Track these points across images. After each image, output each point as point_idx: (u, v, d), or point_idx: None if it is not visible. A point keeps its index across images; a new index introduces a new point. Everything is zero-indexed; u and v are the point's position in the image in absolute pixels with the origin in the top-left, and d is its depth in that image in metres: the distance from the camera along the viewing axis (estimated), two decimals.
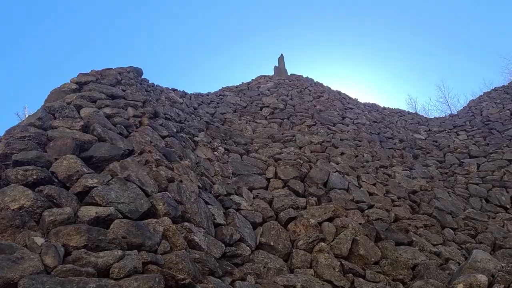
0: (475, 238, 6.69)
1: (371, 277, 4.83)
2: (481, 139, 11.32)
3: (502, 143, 10.81)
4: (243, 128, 8.19)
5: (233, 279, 3.97)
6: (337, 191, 6.57)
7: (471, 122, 12.58)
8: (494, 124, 11.84)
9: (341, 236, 5.35)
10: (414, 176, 8.65)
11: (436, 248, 5.95)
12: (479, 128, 11.89)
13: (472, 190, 8.92)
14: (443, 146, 11.23)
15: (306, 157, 7.44)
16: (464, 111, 13.88)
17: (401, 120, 12.87)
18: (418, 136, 11.73)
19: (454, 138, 11.79)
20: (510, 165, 9.77)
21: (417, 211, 7.13)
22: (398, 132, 11.32)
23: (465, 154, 10.71)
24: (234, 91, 10.55)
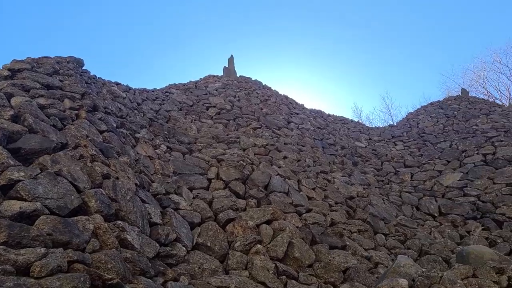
0: (404, 244, 7.02)
1: (304, 280, 4.94)
2: (416, 150, 11.95)
3: (434, 155, 11.47)
4: (187, 127, 8.10)
5: (165, 280, 3.91)
6: (277, 194, 6.66)
7: (408, 133, 13.25)
8: (428, 137, 12.54)
9: (278, 238, 5.43)
10: (352, 182, 8.96)
11: (368, 252, 6.19)
12: (415, 140, 12.54)
13: (405, 198, 9.38)
14: (381, 154, 11.73)
15: (249, 159, 7.48)
16: (403, 122, 14.59)
17: (344, 127, 13.29)
18: (359, 144, 12.17)
19: (392, 148, 12.35)
20: (440, 176, 10.38)
21: (353, 216, 7.39)
22: (341, 139, 11.68)
23: (400, 163, 11.26)
24: (181, 89, 10.41)
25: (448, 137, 12.20)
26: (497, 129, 11.80)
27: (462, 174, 10.19)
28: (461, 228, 8.25)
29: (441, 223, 8.55)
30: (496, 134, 11.37)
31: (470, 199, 9.19)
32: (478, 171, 10.09)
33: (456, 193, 9.54)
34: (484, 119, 12.69)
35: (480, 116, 13.03)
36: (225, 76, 12.19)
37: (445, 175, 10.37)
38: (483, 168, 10.15)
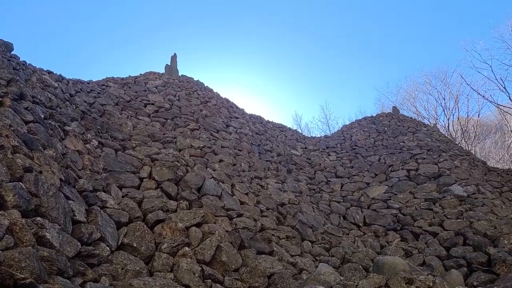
0: (329, 252, 7.29)
1: (229, 284, 4.97)
2: (347, 161, 12.48)
3: (364, 167, 12.05)
4: (123, 123, 7.86)
5: (84, 280, 3.76)
6: (210, 197, 6.66)
7: (341, 145, 13.81)
8: (360, 150, 13.15)
9: (206, 242, 5.43)
10: (285, 189, 9.16)
11: (294, 258, 6.36)
12: (347, 152, 13.10)
13: (334, 207, 9.76)
14: (315, 164, 12.11)
15: (184, 160, 7.42)
16: (337, 134, 15.18)
17: (281, 135, 13.57)
18: (294, 152, 12.48)
19: (326, 158, 12.80)
20: (367, 188, 10.93)
21: (283, 222, 7.55)
22: (277, 146, 11.91)
23: (332, 173, 11.70)
24: (119, 83, 10.08)
25: (378, 151, 12.88)
26: (421, 147, 12.65)
27: (387, 187, 10.79)
28: (382, 238, 8.73)
29: (364, 233, 8.98)
30: (420, 152, 12.17)
31: (392, 211, 9.75)
32: (401, 185, 10.74)
33: (381, 205, 10.09)
34: (411, 137, 13.54)
35: (407, 134, 13.89)
36: (167, 74, 11.98)
37: (372, 187, 10.92)
38: (406, 183, 10.81)
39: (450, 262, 7.40)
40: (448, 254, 7.76)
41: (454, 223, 8.74)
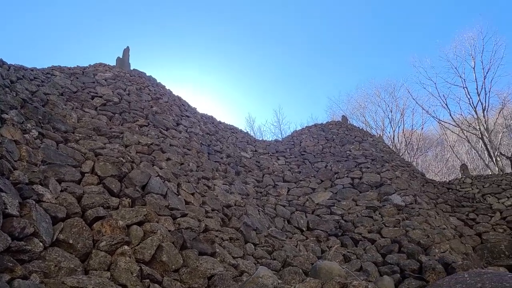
0: (271, 255, 7.38)
1: (168, 284, 4.90)
2: (295, 166, 12.70)
3: (311, 173, 12.31)
4: (67, 114, 7.54)
5: (12, 277, 3.57)
6: (154, 195, 6.54)
7: (290, 150, 14.03)
8: (308, 156, 13.43)
9: (147, 241, 5.32)
10: (232, 191, 9.17)
11: (236, 260, 6.37)
12: (296, 157, 13.33)
13: (279, 211, 9.89)
14: (264, 167, 12.22)
15: (130, 157, 7.24)
16: (288, 139, 15.41)
17: (233, 136, 13.57)
18: (244, 154, 12.53)
19: (274, 162, 12.95)
20: (313, 193, 11.17)
21: (227, 224, 7.56)
22: (228, 148, 11.91)
23: (280, 177, 11.86)
24: (66, 73, 9.66)
25: (325, 158, 13.21)
26: (366, 156, 13.11)
27: (332, 193, 11.09)
28: (324, 243, 8.95)
29: (307, 237, 9.17)
30: (364, 161, 12.62)
31: (335, 217, 10.03)
32: (345, 192, 11.07)
33: (324, 210, 10.35)
34: (357, 146, 14.00)
35: (354, 143, 14.35)
36: (118, 67, 11.64)
37: (317, 193, 11.18)
38: (350, 190, 11.17)
39: (385, 268, 7.72)
40: (384, 260, 8.09)
41: (391, 231, 9.14)
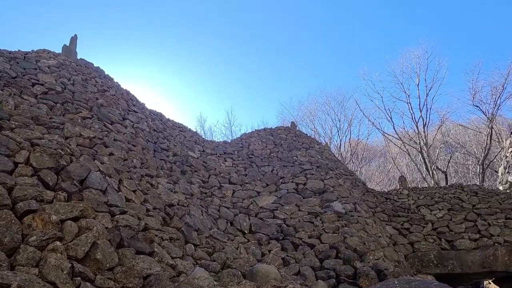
0: (211, 256, 7.34)
1: (100, 283, 4.74)
2: (242, 169, 12.74)
3: (257, 176, 12.40)
4: (3, 100, 7.10)
5: None
6: (93, 191, 6.30)
7: (239, 152, 14.06)
8: (256, 159, 13.52)
9: (81, 237, 5.12)
10: (176, 190, 9.04)
11: (174, 261, 6.27)
12: (243, 160, 13.38)
13: (223, 212, 9.87)
14: (210, 168, 12.16)
15: (70, 149, 6.93)
16: (236, 141, 15.44)
17: (181, 135, 13.40)
18: (191, 153, 12.40)
19: (222, 163, 12.93)
20: (257, 197, 11.26)
21: (168, 224, 7.43)
22: (175, 146, 11.73)
23: (226, 179, 11.85)
24: (5, 56, 9.09)
25: (272, 162, 13.36)
26: (311, 163, 13.41)
27: (276, 198, 11.23)
28: (265, 247, 9.04)
29: (249, 240, 9.22)
30: (310, 168, 12.89)
31: (277, 221, 10.15)
32: (289, 197, 11.25)
33: (268, 214, 10.45)
34: (304, 153, 14.28)
35: (301, 149, 14.63)
36: (63, 55, 11.13)
37: (262, 197, 11.28)
38: (294, 195, 11.36)
39: (322, 273, 7.92)
40: (321, 265, 8.30)
41: (330, 237, 9.39)
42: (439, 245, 11.69)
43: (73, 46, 11.50)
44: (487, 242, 11.59)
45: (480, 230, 11.99)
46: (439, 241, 11.82)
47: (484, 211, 12.64)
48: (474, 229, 12.07)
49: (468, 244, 11.58)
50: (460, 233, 11.96)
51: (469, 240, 11.68)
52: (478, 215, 12.55)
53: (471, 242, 11.65)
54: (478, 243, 11.63)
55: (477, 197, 13.41)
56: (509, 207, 12.80)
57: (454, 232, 12.03)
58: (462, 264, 11.20)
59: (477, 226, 12.12)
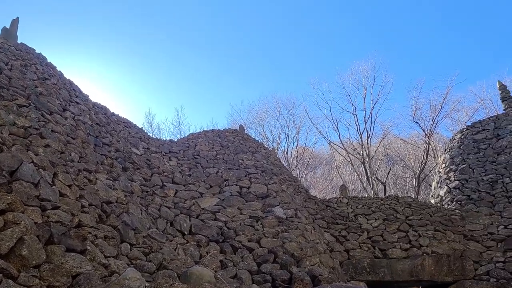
0: (147, 256, 7.18)
1: (24, 281, 4.49)
2: (187, 169, 12.59)
3: (202, 177, 12.31)
4: None
5: None
6: (24, 183, 5.97)
7: (184, 152, 13.88)
8: (201, 160, 13.41)
9: (7, 232, 4.82)
10: (115, 187, 8.76)
11: (107, 260, 6.07)
12: (189, 160, 13.23)
13: (163, 212, 9.69)
14: (154, 166, 11.91)
15: (2, 138, 6.53)
16: (183, 140, 15.24)
17: (125, 130, 13.03)
18: (135, 150, 12.09)
19: (166, 162, 12.70)
20: (200, 198, 11.17)
21: (104, 221, 7.18)
22: (118, 142, 11.38)
23: (169, 178, 11.65)
24: None
25: (217, 164, 13.31)
26: (257, 167, 13.51)
27: (219, 200, 11.20)
28: (204, 249, 8.98)
29: (188, 241, 9.12)
30: (255, 172, 12.97)
31: (218, 223, 10.13)
32: (232, 200, 11.26)
33: (209, 216, 10.39)
34: (250, 156, 14.36)
35: (247, 153, 14.70)
36: (2, 38, 10.47)
37: (205, 198, 11.21)
38: (237, 198, 11.38)
39: (259, 277, 7.98)
40: (259, 269, 8.37)
41: (269, 242, 9.50)
42: (373, 253, 12.17)
43: (13, 29, 10.84)
44: (416, 252, 12.22)
45: (411, 240, 12.62)
46: (373, 249, 12.30)
47: (415, 223, 13.32)
48: (406, 239, 12.69)
49: (399, 253, 12.16)
50: (392, 242, 12.53)
51: (400, 250, 12.26)
52: (410, 226, 13.20)
53: (402, 251, 12.24)
54: (408, 252, 12.23)
55: (410, 209, 14.10)
56: (438, 220, 13.58)
57: (387, 241, 12.58)
58: (393, 272, 11.73)
59: (409, 236, 12.75)
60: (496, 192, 14.67)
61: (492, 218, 13.62)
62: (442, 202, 16.25)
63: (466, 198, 15.14)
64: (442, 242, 12.64)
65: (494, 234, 12.97)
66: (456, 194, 15.64)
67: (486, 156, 16.86)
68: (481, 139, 17.98)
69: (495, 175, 15.43)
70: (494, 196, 14.61)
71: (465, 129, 19.84)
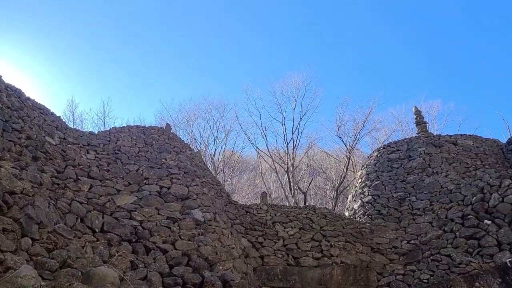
0: (51, 253, 6.73)
1: None
2: (105, 164, 12.04)
3: (120, 174, 11.84)
4: None
5: None
6: None
7: (104, 146, 13.28)
8: (122, 156, 12.91)
9: None
10: (22, 177, 8.14)
11: (4, 255, 5.60)
12: (108, 154, 12.67)
13: (74, 207, 9.16)
14: (69, 158, 11.25)
15: None
16: (104, 134, 14.57)
17: (41, 117, 12.19)
18: (50, 139, 11.34)
19: (83, 155, 12.06)
20: (117, 195, 10.72)
21: (5, 213, 6.63)
22: (31, 128, 10.61)
23: (85, 172, 11.05)
24: None
25: (139, 162, 12.89)
26: (180, 168, 13.29)
27: (137, 198, 10.83)
28: (115, 248, 8.61)
29: (98, 239, 8.70)
30: (177, 172, 12.75)
31: (133, 223, 9.78)
32: (150, 199, 10.94)
33: (124, 214, 10.00)
34: (174, 156, 14.10)
35: (171, 153, 14.42)
36: None
37: (122, 196, 10.78)
38: (156, 198, 11.09)
39: (169, 279, 7.83)
40: (171, 272, 8.20)
41: (185, 244, 9.35)
42: (286, 260, 12.48)
43: None
44: (327, 261, 12.73)
45: (323, 250, 13.12)
46: (286, 257, 12.61)
47: (329, 233, 13.88)
48: (318, 248, 13.16)
49: (311, 262, 12.59)
50: (306, 251, 12.94)
51: (312, 258, 12.70)
52: (324, 236, 13.73)
53: (314, 260, 12.68)
54: (319, 261, 12.70)
55: (326, 219, 14.67)
56: (350, 232, 14.27)
57: (301, 250, 12.97)
58: (303, 280, 12.10)
59: (321, 246, 13.24)
60: (403, 209, 15.76)
61: (397, 233, 14.58)
62: (355, 215, 17.12)
63: (376, 212, 16.09)
64: (351, 253, 13.28)
65: (398, 248, 13.88)
66: (368, 209, 16.56)
67: (397, 175, 18.08)
68: (395, 159, 19.26)
69: (404, 193, 16.59)
70: (401, 213, 15.67)
71: (382, 148, 21.17)
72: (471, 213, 13.44)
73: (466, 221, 13.29)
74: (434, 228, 14.07)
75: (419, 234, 14.15)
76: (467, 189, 14.68)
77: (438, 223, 14.14)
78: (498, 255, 11.74)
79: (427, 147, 19.14)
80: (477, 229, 12.82)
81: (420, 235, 14.07)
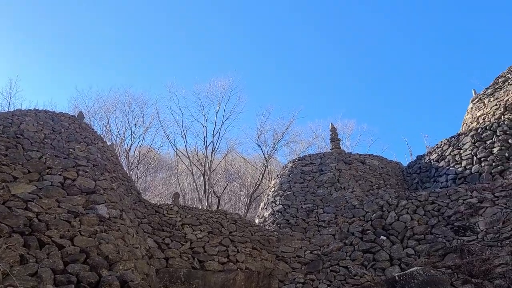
0: None
1: None
2: (3, 147, 11.02)
3: (20, 160, 10.90)
4: None
5: None
6: None
7: (5, 128, 12.16)
8: (24, 141, 11.90)
9: None
10: None
11: None
12: (8, 138, 11.61)
13: None
14: None
15: None
16: (7, 115, 13.23)
17: None
18: None
19: None
20: (13, 182, 9.84)
21: None
22: None
23: None
24: None
25: (43, 149, 11.99)
26: (89, 160, 12.59)
27: (36, 188, 10.03)
28: (4, 240, 7.88)
29: None
30: (85, 164, 12.04)
31: (29, 214, 9.03)
32: (52, 190, 10.19)
33: (20, 204, 9.21)
34: (83, 147, 13.34)
35: (81, 143, 13.62)
36: None
37: (19, 184, 9.92)
38: (58, 190, 10.35)
39: (62, 277, 7.37)
40: (65, 269, 7.71)
41: (84, 240, 8.83)
42: (192, 264, 12.33)
43: None
44: (232, 266, 12.80)
45: (229, 255, 13.18)
46: (192, 260, 12.47)
47: (237, 239, 13.99)
48: (225, 253, 13.20)
49: (216, 266, 12.57)
50: (212, 255, 12.90)
51: (218, 263, 12.69)
52: (232, 241, 13.81)
53: (219, 265, 12.68)
54: (224, 266, 12.73)
55: (235, 225, 14.78)
56: (258, 239, 14.51)
57: (207, 254, 12.90)
58: (206, 284, 12.03)
59: (228, 251, 13.30)
60: (310, 220, 16.41)
61: (302, 243, 15.14)
62: (265, 223, 17.46)
63: (285, 222, 16.56)
64: (257, 260, 13.50)
65: (301, 257, 14.40)
66: (278, 217, 17.00)
67: (309, 187, 18.83)
68: (308, 171, 20.05)
69: (313, 205, 17.30)
70: (308, 224, 16.31)
71: (297, 159, 21.92)
72: (370, 229, 14.41)
73: (365, 235, 14.21)
74: (336, 240, 14.84)
75: (322, 245, 14.81)
76: (369, 206, 15.70)
77: (340, 235, 14.93)
78: (389, 269, 12.70)
79: (338, 163, 20.19)
80: (373, 243, 13.77)
81: (323, 246, 14.73)
